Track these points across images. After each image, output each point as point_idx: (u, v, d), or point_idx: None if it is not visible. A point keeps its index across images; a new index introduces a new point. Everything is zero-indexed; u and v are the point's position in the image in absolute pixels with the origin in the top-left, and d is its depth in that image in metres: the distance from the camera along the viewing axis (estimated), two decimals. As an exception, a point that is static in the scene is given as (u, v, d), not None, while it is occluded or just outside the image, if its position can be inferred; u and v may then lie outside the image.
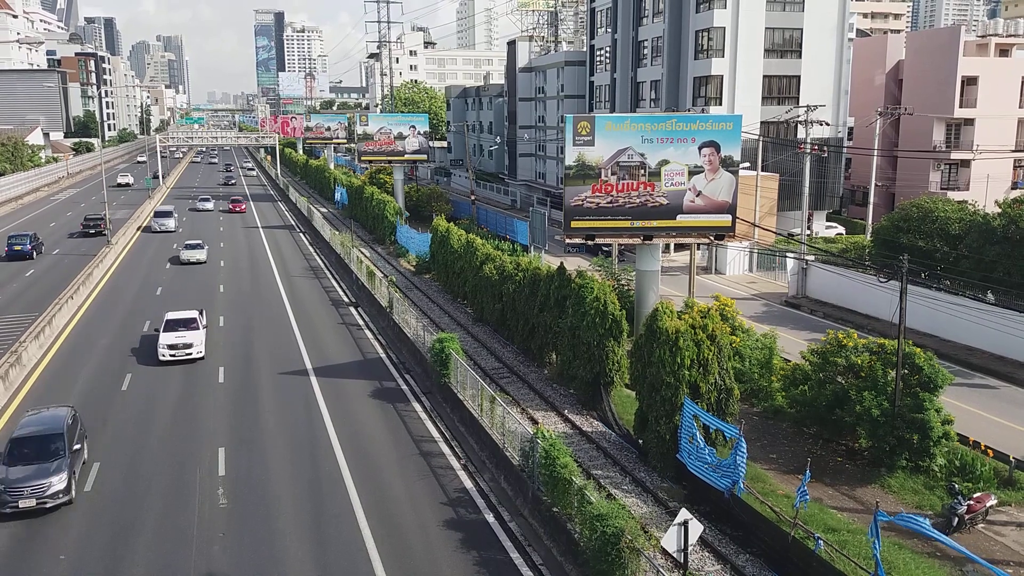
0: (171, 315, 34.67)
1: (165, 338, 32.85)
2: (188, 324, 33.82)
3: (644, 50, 66.28)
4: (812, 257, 43.85)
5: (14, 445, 21.78)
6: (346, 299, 45.19)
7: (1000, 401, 28.49)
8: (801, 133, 49.12)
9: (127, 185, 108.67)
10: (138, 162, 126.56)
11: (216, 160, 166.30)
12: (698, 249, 45.98)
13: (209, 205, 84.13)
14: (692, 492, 21.08)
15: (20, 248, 55.02)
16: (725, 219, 29.64)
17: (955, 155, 62.37)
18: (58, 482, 20.88)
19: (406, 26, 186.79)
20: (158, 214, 68.72)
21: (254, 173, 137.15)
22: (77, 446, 22.47)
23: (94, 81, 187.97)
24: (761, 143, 50.66)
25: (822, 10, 57.80)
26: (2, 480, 20.70)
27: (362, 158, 75.59)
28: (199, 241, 57.18)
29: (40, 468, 21.08)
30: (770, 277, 48.99)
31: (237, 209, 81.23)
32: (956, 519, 19.35)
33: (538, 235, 50.31)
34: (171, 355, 32.66)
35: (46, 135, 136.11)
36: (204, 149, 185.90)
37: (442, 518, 20.58)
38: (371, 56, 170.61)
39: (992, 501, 20.02)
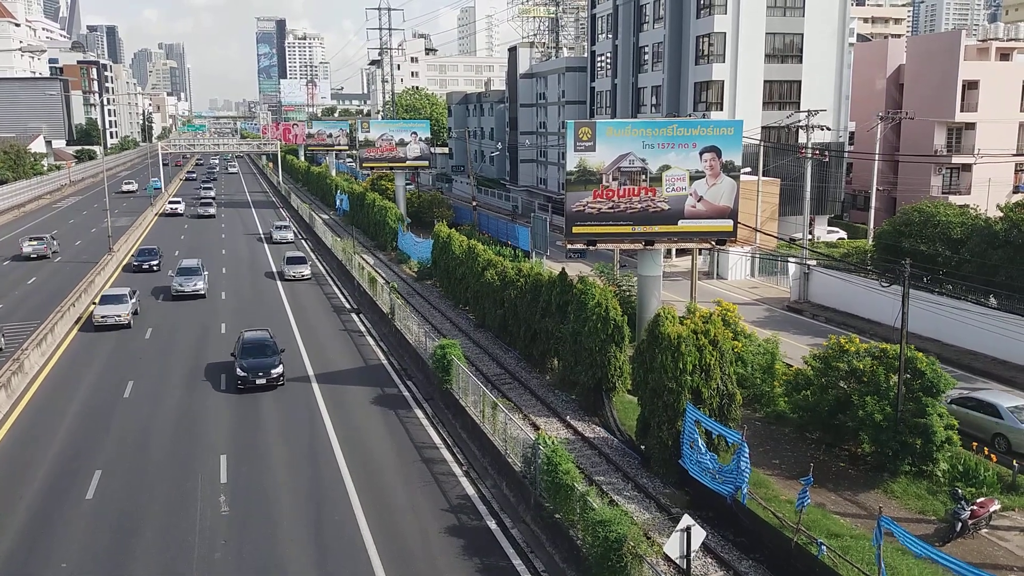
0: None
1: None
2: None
3: (645, 56, 66.38)
4: (814, 262, 43.82)
5: None
6: (348, 305, 45.18)
7: (1003, 405, 28.35)
8: (802, 138, 49.13)
9: (130, 192, 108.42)
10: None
11: (209, 201, 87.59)
12: (700, 254, 45.93)
13: None
14: (695, 498, 21.03)
15: None
16: (727, 224, 29.63)
17: (956, 159, 62.39)
18: None
19: (407, 33, 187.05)
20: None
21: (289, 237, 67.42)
22: None
23: (96, 89, 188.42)
24: (762, 148, 50.65)
25: (822, 15, 57.87)
26: None
27: (364, 164, 75.67)
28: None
29: None
30: (772, 282, 48.94)
31: None
32: (959, 524, 19.31)
33: (539, 241, 50.35)
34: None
35: (48, 143, 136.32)
36: (201, 164, 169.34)
37: (444, 525, 20.55)
38: (372, 63, 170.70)
39: (995, 506, 19.97)
